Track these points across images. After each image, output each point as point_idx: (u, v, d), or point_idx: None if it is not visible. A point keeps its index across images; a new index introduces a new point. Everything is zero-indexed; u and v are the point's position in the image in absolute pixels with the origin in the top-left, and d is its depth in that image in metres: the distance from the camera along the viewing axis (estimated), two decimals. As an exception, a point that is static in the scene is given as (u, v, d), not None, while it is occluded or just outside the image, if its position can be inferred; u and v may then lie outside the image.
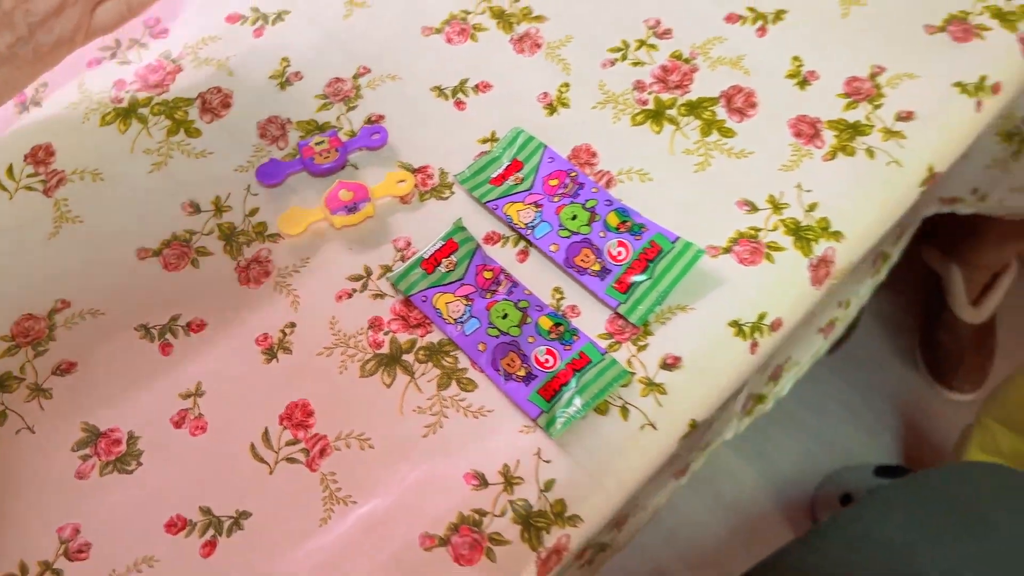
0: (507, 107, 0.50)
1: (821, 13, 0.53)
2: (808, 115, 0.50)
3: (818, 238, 0.46)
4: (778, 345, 0.46)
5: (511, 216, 0.46)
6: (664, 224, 0.46)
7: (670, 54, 0.52)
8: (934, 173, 0.49)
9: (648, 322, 0.44)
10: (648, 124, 0.50)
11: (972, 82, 0.50)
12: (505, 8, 0.53)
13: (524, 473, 0.41)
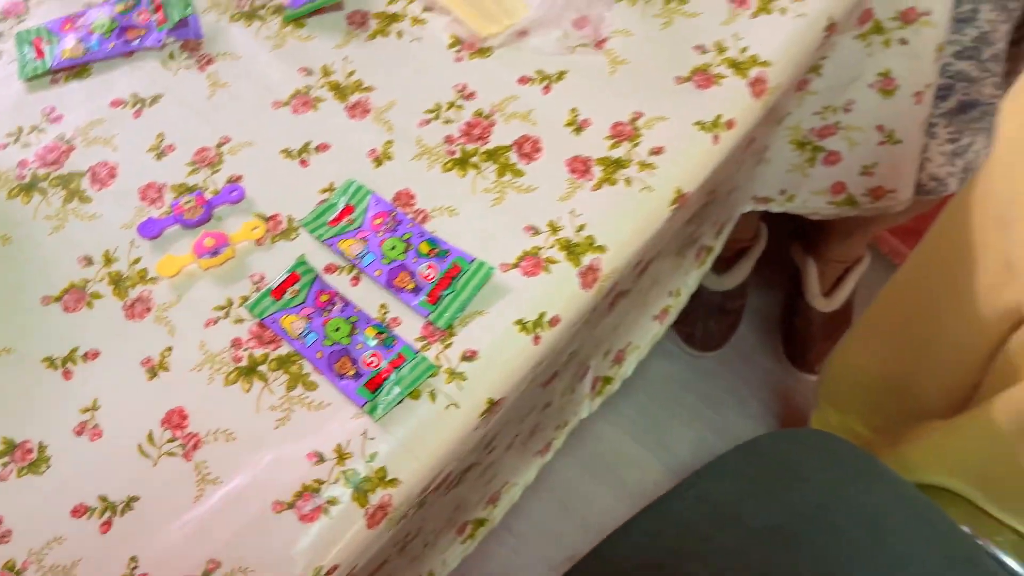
0: (342, 163, 0.63)
1: (593, 72, 0.66)
2: (581, 155, 0.63)
3: (585, 252, 0.59)
4: (561, 336, 0.59)
5: (343, 250, 0.58)
6: (466, 249, 0.59)
7: (473, 112, 0.65)
8: (682, 194, 0.62)
9: (453, 326, 0.56)
10: (455, 170, 0.62)
11: (710, 120, 0.64)
12: (340, 82, 0.66)
13: (353, 449, 0.53)
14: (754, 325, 1.55)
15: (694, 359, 1.51)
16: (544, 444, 0.89)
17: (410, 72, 0.66)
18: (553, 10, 0.66)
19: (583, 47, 0.67)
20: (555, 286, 0.58)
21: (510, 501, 0.87)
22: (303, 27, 0.68)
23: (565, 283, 0.58)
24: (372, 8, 0.69)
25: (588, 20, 0.67)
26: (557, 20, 0.66)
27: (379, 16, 0.68)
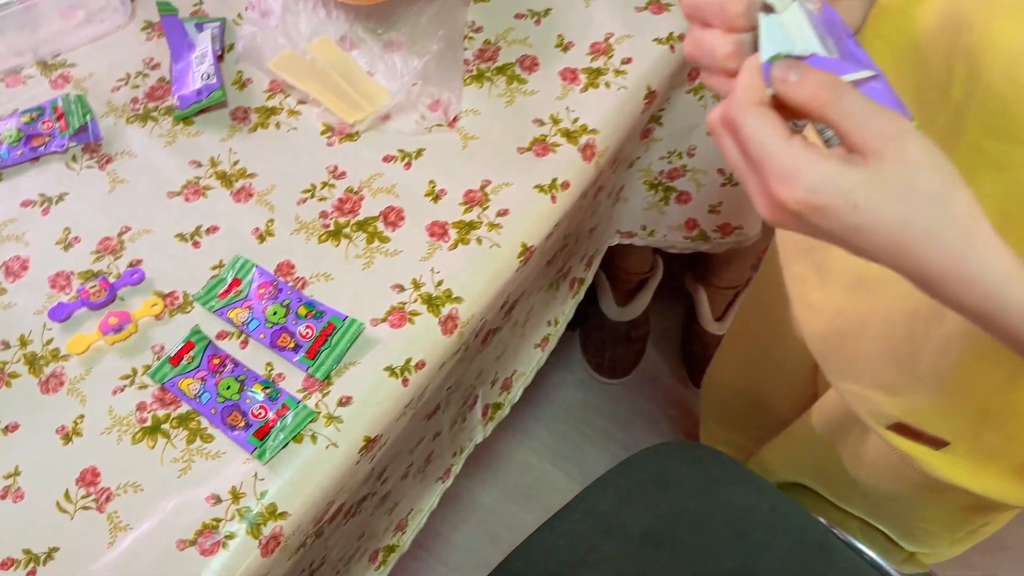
0: (230, 241, 0.72)
1: (448, 148, 0.77)
2: (439, 220, 0.73)
3: (444, 304, 0.69)
4: (428, 377, 0.68)
5: (232, 318, 0.68)
6: (340, 308, 0.68)
7: (345, 189, 0.74)
8: (528, 248, 0.73)
9: (330, 377, 0.65)
10: (330, 241, 0.72)
11: (547, 183, 0.75)
12: (227, 171, 0.75)
13: (246, 490, 0.61)
14: (659, 350, 1.66)
15: (606, 386, 1.62)
16: (444, 470, 0.97)
17: (288, 158, 0.76)
18: (410, 96, 0.77)
19: (438, 127, 0.77)
20: (419, 335, 0.68)
21: (417, 527, 0.95)
22: (192, 124, 0.77)
23: (427, 332, 0.68)
24: (253, 104, 0.79)
25: (441, 103, 0.77)
26: (414, 104, 0.77)
27: (259, 110, 0.78)
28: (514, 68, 0.81)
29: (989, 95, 0.45)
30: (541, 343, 1.09)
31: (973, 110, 0.46)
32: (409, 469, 0.88)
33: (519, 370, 1.08)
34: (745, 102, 0.38)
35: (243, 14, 0.83)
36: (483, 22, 0.84)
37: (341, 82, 0.78)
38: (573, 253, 1.05)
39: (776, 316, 0.90)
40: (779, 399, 0.96)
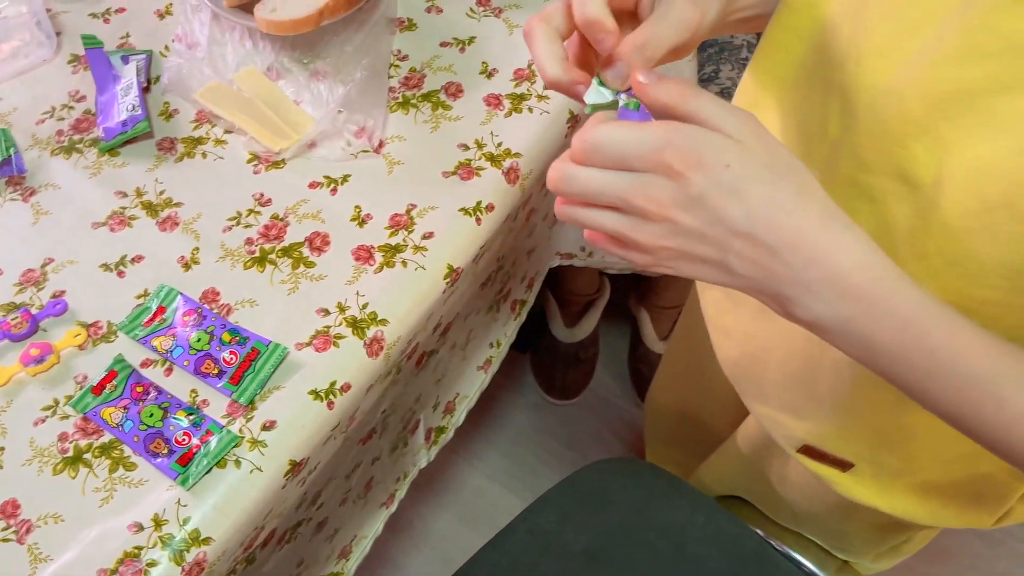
0: (155, 270, 0.72)
1: (374, 173, 0.78)
2: (365, 244, 0.74)
3: (369, 326, 0.70)
4: (354, 399, 0.69)
5: (156, 346, 0.68)
6: (265, 334, 0.69)
7: (270, 216, 0.75)
8: (455, 269, 0.74)
9: (254, 401, 0.66)
10: (255, 267, 0.73)
11: (472, 206, 0.76)
12: (153, 200, 0.76)
13: (169, 517, 0.61)
14: (609, 370, 1.68)
15: (557, 408, 1.63)
16: (387, 496, 0.98)
17: (214, 186, 0.77)
18: (336, 123, 0.78)
19: (364, 153, 0.79)
20: (344, 358, 0.68)
21: (362, 553, 0.95)
22: (118, 156, 0.78)
23: (353, 354, 0.69)
24: (179, 134, 0.79)
25: (366, 130, 0.79)
26: (340, 131, 0.78)
27: (186, 140, 0.79)
28: (439, 95, 0.83)
29: (860, 131, 0.47)
30: (484, 365, 1.10)
31: (847, 145, 0.49)
32: (347, 495, 0.88)
33: (462, 393, 1.09)
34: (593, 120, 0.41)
35: (170, 46, 0.84)
36: (409, 51, 0.86)
37: (267, 111, 0.79)
38: (512, 275, 1.06)
39: (704, 338, 0.92)
40: (714, 418, 0.97)
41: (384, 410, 0.83)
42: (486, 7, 0.90)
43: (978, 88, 0.39)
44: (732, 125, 0.40)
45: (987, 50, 0.39)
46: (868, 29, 0.46)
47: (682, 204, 0.40)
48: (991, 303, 0.44)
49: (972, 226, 0.42)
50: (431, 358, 0.90)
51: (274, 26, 0.78)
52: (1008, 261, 0.42)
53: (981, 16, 0.38)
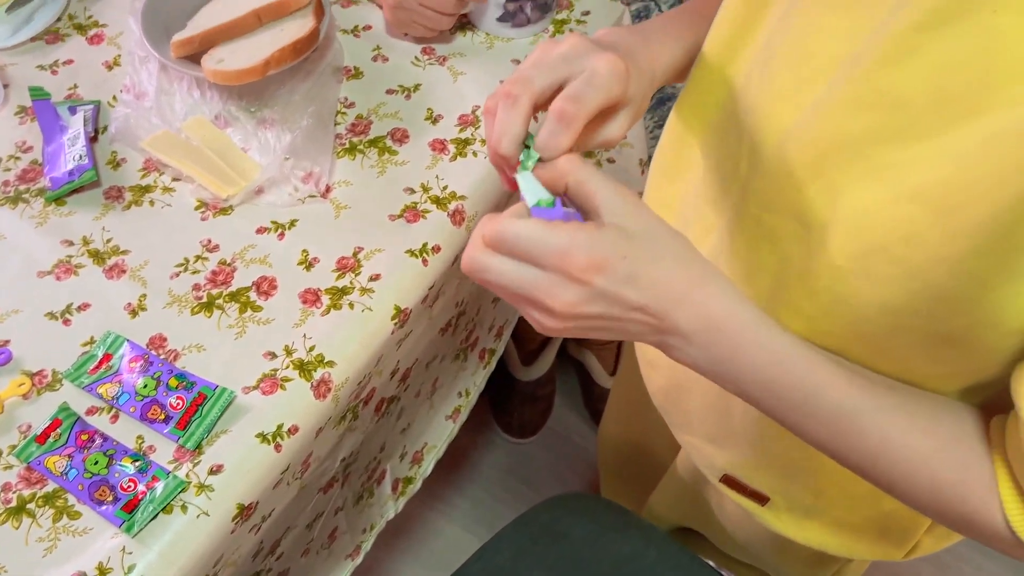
0: (102, 318, 0.73)
1: (321, 217, 0.79)
2: (312, 287, 0.75)
3: (316, 368, 0.71)
4: (303, 442, 0.70)
5: (102, 393, 0.68)
6: (212, 379, 0.69)
7: (218, 262, 0.76)
8: (402, 310, 0.75)
9: (200, 446, 0.66)
10: (203, 312, 0.73)
11: (419, 248, 0.78)
12: (100, 248, 0.76)
13: (113, 564, 0.61)
14: (566, 407, 1.70)
15: (516, 446, 1.64)
16: (353, 547, 0.97)
17: (162, 234, 0.78)
18: (283, 169, 0.80)
19: (311, 198, 0.80)
20: (291, 400, 0.69)
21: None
22: (64, 205, 0.78)
23: (300, 397, 0.69)
24: (127, 183, 0.80)
25: (313, 175, 0.80)
26: (287, 177, 0.80)
27: (133, 189, 0.80)
28: (385, 140, 0.85)
29: (764, 173, 0.50)
30: (452, 415, 1.11)
31: (754, 186, 0.52)
32: (310, 545, 0.88)
33: (430, 443, 1.10)
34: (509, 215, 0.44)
35: (118, 96, 0.86)
36: (355, 98, 0.88)
37: (215, 159, 0.80)
38: (477, 323, 1.08)
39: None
40: (661, 449, 0.99)
41: (344, 458, 0.84)
42: (431, 55, 0.92)
43: (861, 138, 0.43)
44: (619, 208, 0.44)
45: (868, 103, 0.42)
46: (772, 77, 0.50)
47: (585, 301, 0.43)
48: (875, 341, 0.47)
49: (854, 268, 0.45)
50: (392, 405, 0.90)
51: (220, 76, 0.80)
52: (885, 301, 0.44)
53: (864, 72, 0.42)
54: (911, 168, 0.40)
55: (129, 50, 0.88)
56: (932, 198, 0.39)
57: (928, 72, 0.39)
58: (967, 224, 0.38)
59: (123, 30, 0.92)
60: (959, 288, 0.41)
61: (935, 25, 0.37)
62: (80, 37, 0.91)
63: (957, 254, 0.39)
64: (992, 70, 0.36)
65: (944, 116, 0.39)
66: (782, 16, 0.50)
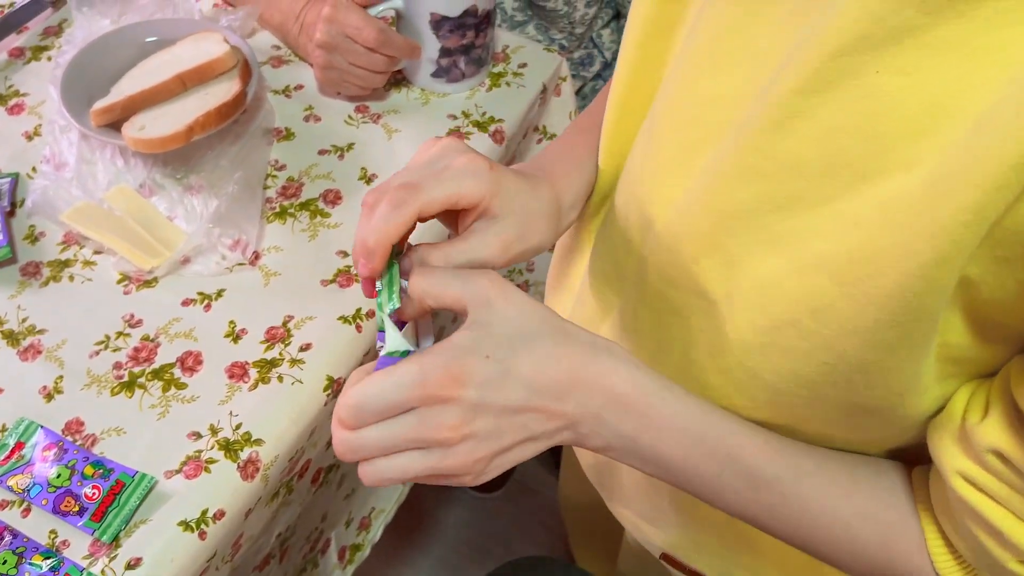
0: (15, 403, 0.69)
1: (249, 286, 0.77)
2: (239, 360, 0.72)
3: (243, 447, 0.67)
4: (230, 527, 0.66)
5: (12, 486, 0.64)
6: (133, 463, 0.65)
7: (141, 337, 0.73)
8: (334, 380, 0.72)
9: (118, 538, 0.62)
10: (123, 393, 0.70)
11: (351, 313, 0.75)
12: (14, 329, 0.73)
13: (20, 675, 0.57)
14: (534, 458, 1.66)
15: (481, 501, 1.60)
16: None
17: (81, 311, 0.74)
18: (210, 237, 0.77)
19: (240, 266, 0.77)
20: (216, 483, 0.65)
21: None
22: (-23, 284, 0.75)
23: (225, 479, 0.66)
24: (45, 258, 0.77)
25: (240, 243, 0.78)
26: (214, 246, 0.77)
27: (52, 264, 0.77)
28: (317, 203, 0.83)
29: (660, 246, 0.48)
30: None
31: (651, 260, 0.50)
32: (250, 625, 0.83)
33: (377, 507, 1.06)
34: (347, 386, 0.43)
35: (38, 167, 0.83)
36: (287, 160, 0.86)
37: (138, 229, 0.77)
38: None
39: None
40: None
41: (280, 533, 0.80)
42: (364, 113, 0.91)
43: (755, 207, 0.40)
44: (481, 302, 0.42)
45: (759, 170, 0.39)
46: (658, 146, 0.48)
47: (466, 420, 0.40)
48: (792, 412, 0.45)
49: (764, 342, 0.43)
50: (331, 473, 0.87)
51: (142, 144, 0.77)
52: (803, 373, 0.42)
53: (750, 137, 0.39)
54: (810, 237, 0.38)
55: (50, 119, 0.86)
56: (837, 268, 0.37)
57: (816, 137, 0.37)
58: (876, 295, 0.36)
59: (45, 99, 0.89)
60: (874, 359, 0.39)
61: (819, 89, 0.35)
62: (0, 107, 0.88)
63: (869, 325, 0.37)
64: (881, 132, 0.34)
65: (837, 182, 0.36)
66: (664, 81, 0.49)
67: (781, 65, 0.37)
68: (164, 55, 0.85)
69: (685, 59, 0.45)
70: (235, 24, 0.90)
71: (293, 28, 0.91)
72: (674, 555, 0.65)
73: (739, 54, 0.41)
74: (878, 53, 0.33)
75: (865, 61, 0.34)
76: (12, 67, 0.92)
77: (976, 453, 0.38)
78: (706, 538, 0.62)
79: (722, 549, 0.61)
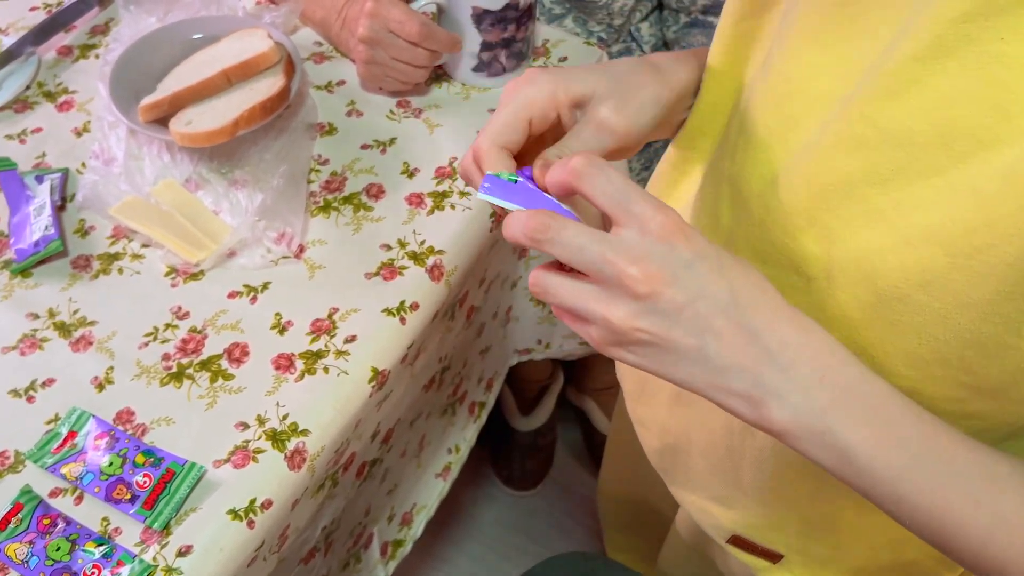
0: (67, 393, 0.70)
1: (294, 279, 0.77)
2: (285, 352, 0.72)
3: (290, 438, 0.68)
4: (278, 516, 0.66)
5: (65, 474, 0.65)
6: (182, 452, 0.66)
7: (188, 329, 0.74)
8: (380, 372, 0.72)
9: (169, 526, 0.63)
10: (172, 383, 0.71)
11: (396, 306, 0.75)
12: (66, 320, 0.74)
13: (75, 659, 0.57)
14: (569, 456, 1.65)
15: (518, 499, 1.59)
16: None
17: (130, 302, 0.75)
18: (255, 231, 0.78)
19: (285, 259, 0.78)
20: (264, 473, 0.66)
21: None
22: (30, 277, 0.76)
23: (273, 469, 0.66)
24: (95, 251, 0.78)
25: (285, 236, 0.78)
26: (259, 239, 0.78)
27: (101, 257, 0.78)
28: (360, 196, 0.83)
29: (752, 222, 0.47)
30: (443, 472, 1.07)
31: (740, 236, 0.49)
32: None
33: (419, 503, 1.06)
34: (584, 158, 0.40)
35: (87, 163, 0.84)
36: (329, 154, 0.86)
37: (185, 223, 0.78)
38: (465, 376, 1.05)
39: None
40: (663, 502, 0.95)
41: (325, 527, 0.80)
42: (406, 108, 0.91)
43: (858, 179, 0.40)
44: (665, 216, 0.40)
45: (865, 141, 0.39)
46: (753, 122, 0.47)
47: (670, 275, 0.38)
48: (905, 392, 0.42)
49: (871, 317, 0.42)
50: (375, 468, 0.87)
51: (189, 139, 0.78)
52: (912, 351, 0.41)
53: (859, 107, 0.39)
54: (918, 208, 0.38)
55: (98, 115, 0.87)
56: (949, 240, 0.37)
57: (932, 105, 0.36)
58: (996, 264, 0.35)
59: (93, 96, 0.90)
60: (990, 334, 0.38)
61: (938, 56, 0.35)
62: (49, 104, 0.90)
63: (986, 298, 0.36)
64: (1004, 101, 0.34)
65: (953, 151, 0.36)
66: (764, 58, 0.48)
67: (897, 35, 0.37)
68: (209, 52, 0.86)
69: (787, 34, 0.44)
70: (278, 21, 0.91)
71: (335, 24, 0.92)
72: (747, 536, 0.64)
73: (848, 26, 0.40)
74: (1003, 18, 0.33)
75: (989, 27, 0.33)
76: (61, 65, 0.94)
77: None
78: (787, 515, 0.60)
79: (803, 526, 0.60)
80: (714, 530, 0.67)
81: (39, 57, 0.93)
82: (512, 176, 0.44)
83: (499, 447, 1.60)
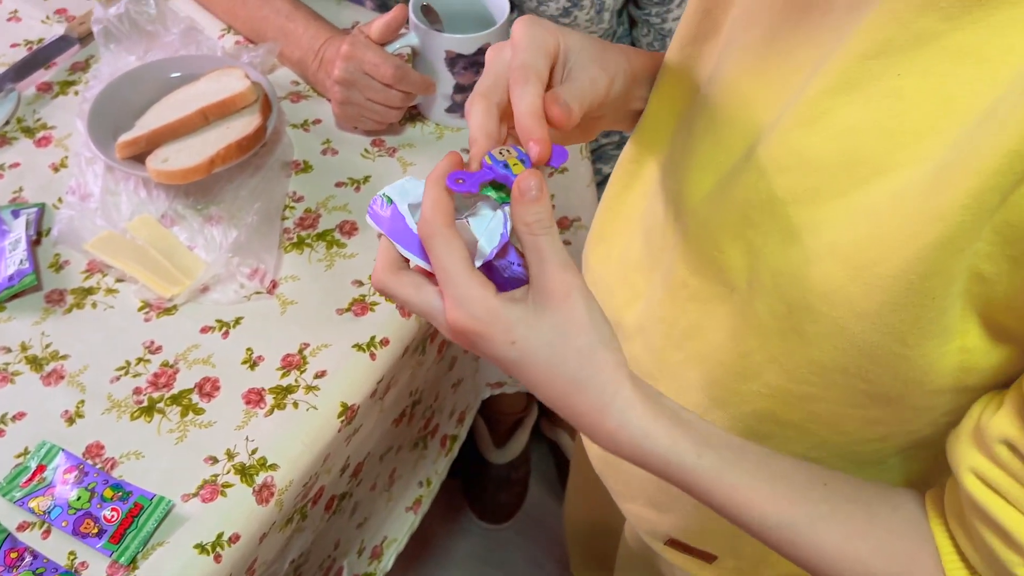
0: (37, 427, 0.70)
1: (266, 314, 0.78)
2: (256, 387, 0.73)
3: (258, 472, 0.68)
4: (245, 550, 0.67)
5: (33, 508, 0.65)
6: (151, 486, 0.67)
7: (160, 363, 0.75)
8: (348, 406, 0.74)
9: (135, 560, 0.63)
10: (143, 417, 0.71)
11: (366, 341, 0.77)
12: (38, 355, 0.75)
13: None
14: (543, 489, 1.66)
15: (491, 532, 1.59)
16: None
17: (103, 337, 0.76)
18: (229, 266, 0.79)
19: (257, 294, 0.79)
20: (232, 507, 0.67)
21: None
22: (3, 310, 0.77)
23: (241, 503, 0.67)
24: (69, 285, 0.79)
25: (259, 272, 0.80)
26: (232, 274, 0.79)
27: (75, 291, 0.79)
28: (334, 233, 0.85)
29: (687, 235, 0.51)
30: (413, 506, 1.08)
31: (679, 249, 0.53)
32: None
33: (390, 536, 1.06)
34: (434, 222, 0.41)
35: (64, 198, 0.85)
36: (304, 192, 0.88)
37: (159, 258, 0.79)
38: (438, 410, 1.06)
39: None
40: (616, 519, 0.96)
41: (293, 560, 0.81)
42: (380, 147, 0.93)
43: (779, 199, 0.43)
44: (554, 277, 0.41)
45: (785, 165, 0.43)
46: (693, 144, 0.51)
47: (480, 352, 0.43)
48: (810, 399, 0.47)
49: (783, 327, 0.45)
50: (344, 501, 0.88)
51: (165, 176, 0.80)
52: (816, 359, 0.45)
53: (780, 135, 0.43)
54: (825, 226, 0.41)
55: (76, 151, 0.88)
56: (846, 255, 0.40)
57: (839, 134, 0.40)
58: (883, 275, 0.38)
59: (71, 131, 0.92)
60: (882, 344, 0.41)
61: (845, 89, 0.39)
62: (27, 140, 0.91)
63: (875, 308, 0.40)
64: (898, 131, 0.38)
65: (855, 176, 0.40)
66: (704, 84, 0.52)
67: (814, 69, 0.41)
68: (187, 90, 0.88)
69: (724, 67, 0.49)
70: (256, 60, 0.93)
71: (312, 64, 0.94)
72: (681, 539, 0.66)
73: (778, 61, 0.45)
74: (901, 57, 0.37)
75: (889, 64, 0.37)
76: (40, 101, 0.95)
77: (987, 447, 0.40)
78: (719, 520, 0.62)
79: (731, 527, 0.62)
80: (651, 535, 0.69)
81: (19, 93, 0.94)
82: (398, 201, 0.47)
83: (473, 480, 1.60)
